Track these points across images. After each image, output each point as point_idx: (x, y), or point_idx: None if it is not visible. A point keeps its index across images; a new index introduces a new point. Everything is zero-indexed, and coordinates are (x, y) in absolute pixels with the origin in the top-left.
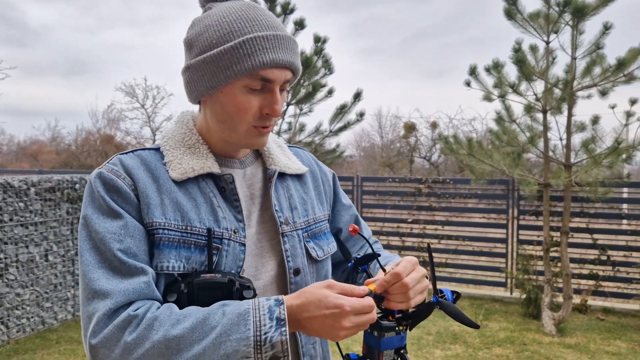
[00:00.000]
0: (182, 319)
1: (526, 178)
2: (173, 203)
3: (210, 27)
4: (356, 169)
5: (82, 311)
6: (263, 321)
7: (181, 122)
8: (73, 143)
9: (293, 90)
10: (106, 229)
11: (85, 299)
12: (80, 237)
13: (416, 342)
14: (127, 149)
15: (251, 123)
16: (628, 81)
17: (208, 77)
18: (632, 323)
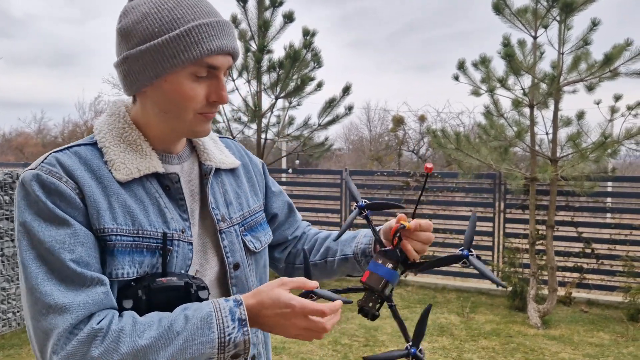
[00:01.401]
0: (147, 328)
1: (513, 172)
2: (122, 207)
3: (149, 15)
4: (345, 162)
5: (32, 327)
6: (226, 323)
7: (116, 114)
8: (59, 135)
9: (282, 83)
10: (52, 238)
11: (37, 313)
12: (21, 246)
13: (401, 334)
14: None
15: (197, 110)
16: (613, 77)
17: (151, 66)
18: (615, 315)
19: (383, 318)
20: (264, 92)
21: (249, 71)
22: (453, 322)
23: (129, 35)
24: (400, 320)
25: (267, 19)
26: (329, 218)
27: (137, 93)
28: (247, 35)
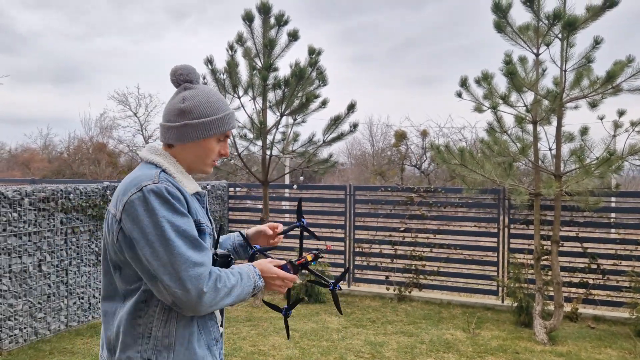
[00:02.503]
0: (230, 277)
1: (517, 188)
2: (195, 207)
3: (202, 103)
4: (347, 177)
5: (183, 277)
6: (254, 277)
7: (165, 156)
8: (65, 151)
9: (287, 101)
10: (184, 223)
11: (187, 268)
12: (163, 230)
13: (409, 350)
14: (119, 157)
15: (212, 159)
16: (615, 93)
17: (201, 132)
18: (623, 331)
19: (389, 334)
20: (269, 109)
21: (254, 89)
22: (459, 338)
23: (190, 112)
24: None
25: (273, 38)
26: (334, 233)
27: (182, 144)
28: (252, 53)
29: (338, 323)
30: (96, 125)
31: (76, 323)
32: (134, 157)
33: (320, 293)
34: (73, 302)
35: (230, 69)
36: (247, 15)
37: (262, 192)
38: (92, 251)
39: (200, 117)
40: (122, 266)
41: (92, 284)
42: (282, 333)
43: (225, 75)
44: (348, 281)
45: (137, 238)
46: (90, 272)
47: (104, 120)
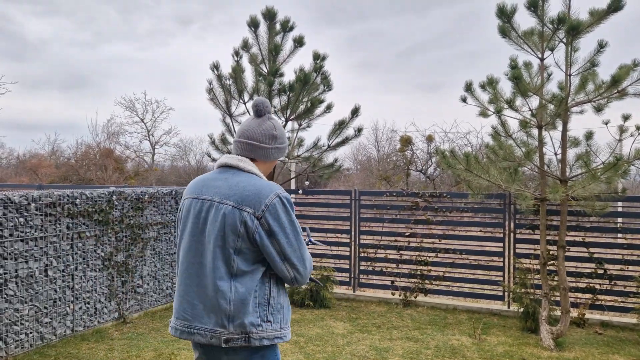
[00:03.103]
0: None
1: (523, 193)
2: None
3: (283, 134)
4: (353, 182)
5: (306, 258)
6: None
7: (258, 169)
8: (73, 157)
9: (292, 106)
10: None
11: (306, 253)
12: (295, 226)
13: (415, 356)
14: (126, 162)
15: (268, 172)
16: (621, 97)
17: (281, 154)
18: (630, 337)
19: (394, 340)
20: (275, 114)
21: (259, 94)
22: (465, 344)
23: (278, 139)
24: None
25: (278, 44)
26: (339, 238)
27: (266, 161)
28: (258, 59)
29: (343, 328)
30: (103, 131)
31: (82, 328)
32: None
33: (326, 298)
34: (79, 307)
35: (236, 74)
36: (252, 21)
37: None
38: (98, 256)
39: (282, 144)
40: (246, 251)
41: (98, 288)
42: None
43: (230, 80)
44: (353, 286)
45: (277, 231)
46: (96, 277)
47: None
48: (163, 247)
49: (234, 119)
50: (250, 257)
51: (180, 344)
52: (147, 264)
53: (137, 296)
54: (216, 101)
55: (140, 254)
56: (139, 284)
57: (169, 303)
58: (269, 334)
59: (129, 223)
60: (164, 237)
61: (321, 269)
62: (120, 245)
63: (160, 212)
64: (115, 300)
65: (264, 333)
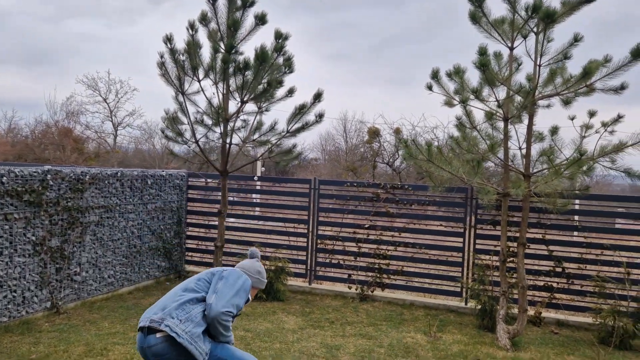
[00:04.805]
0: (231, 333)
1: (485, 187)
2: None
3: (264, 273)
4: (320, 172)
5: (226, 301)
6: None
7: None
8: (30, 134)
9: (250, 86)
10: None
11: (233, 304)
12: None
13: (367, 355)
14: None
15: (250, 297)
16: (589, 92)
17: (260, 284)
18: (586, 337)
19: (347, 336)
20: (231, 94)
21: (215, 72)
22: (419, 342)
23: (262, 274)
24: None
25: (237, 19)
26: (296, 229)
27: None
28: (217, 36)
29: (295, 323)
30: (62, 109)
31: (6, 318)
32: (102, 143)
33: (279, 291)
34: (3, 295)
35: (190, 49)
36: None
37: (221, 183)
38: (27, 240)
39: (263, 278)
40: (202, 282)
41: (27, 275)
42: (233, 334)
43: (185, 56)
44: (309, 279)
45: (227, 278)
46: (25, 263)
47: (70, 104)
48: (106, 232)
49: (187, 97)
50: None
51: (116, 339)
52: (87, 250)
53: (73, 284)
54: (168, 77)
55: (79, 239)
56: (77, 272)
57: (110, 292)
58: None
59: (66, 205)
60: (106, 221)
61: (276, 260)
62: (55, 229)
63: (103, 195)
64: (48, 288)
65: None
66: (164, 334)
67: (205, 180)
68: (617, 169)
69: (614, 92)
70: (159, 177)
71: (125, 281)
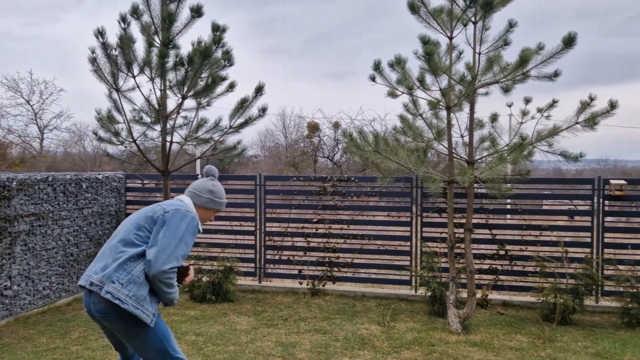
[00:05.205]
0: (176, 285)
1: (432, 175)
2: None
3: (220, 191)
4: (261, 169)
5: (167, 256)
6: (177, 298)
7: (194, 209)
8: None
9: (190, 81)
10: (190, 241)
11: (171, 255)
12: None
13: (323, 350)
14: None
15: (207, 220)
16: (524, 79)
17: (214, 205)
18: (530, 315)
19: (302, 333)
20: (170, 90)
21: (152, 67)
22: (374, 332)
23: (213, 193)
24: None
25: (172, 11)
26: (243, 226)
27: (201, 206)
28: (151, 30)
29: (247, 323)
30: None
31: None
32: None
33: (229, 291)
34: None
35: (123, 44)
36: None
37: (163, 184)
38: None
39: (216, 198)
40: (142, 230)
41: None
42: (184, 339)
43: (118, 51)
44: (259, 277)
45: (168, 224)
46: None
47: None
48: (38, 241)
49: (122, 94)
50: (144, 235)
51: (56, 354)
52: (18, 262)
53: (4, 300)
54: (100, 73)
55: (8, 250)
56: (7, 286)
57: (47, 305)
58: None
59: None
60: (38, 230)
61: (224, 259)
62: None
63: (34, 202)
64: None
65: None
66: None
67: (142, 182)
68: (553, 152)
69: (548, 79)
70: (94, 180)
71: (62, 292)
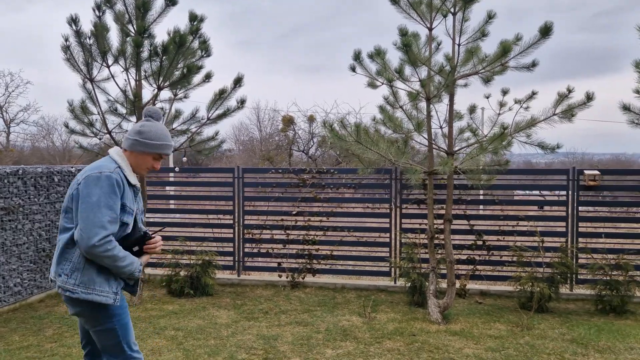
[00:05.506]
0: (121, 253)
1: (413, 166)
2: (128, 195)
3: (152, 131)
4: (235, 163)
5: (89, 227)
6: (136, 269)
7: (122, 156)
8: None
9: (165, 72)
10: (111, 200)
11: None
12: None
13: (305, 342)
14: None
15: (146, 167)
16: (503, 70)
17: (146, 148)
18: (507, 304)
19: (283, 325)
20: (145, 80)
21: (126, 57)
22: (355, 324)
23: (141, 134)
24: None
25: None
26: (221, 220)
27: (132, 151)
28: (125, 19)
29: (228, 317)
30: None
31: None
32: None
33: (208, 285)
34: None
35: (98, 32)
36: None
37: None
38: None
39: (145, 139)
40: (69, 212)
41: None
42: (163, 334)
43: (92, 39)
44: (238, 270)
45: (82, 196)
46: None
47: None
48: (8, 237)
49: (96, 84)
50: (72, 217)
51: (30, 352)
52: None
53: None
54: (74, 62)
55: None
56: None
57: (18, 302)
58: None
59: None
60: (8, 225)
61: (202, 253)
62: None
63: (3, 196)
64: None
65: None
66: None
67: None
68: (531, 143)
69: (527, 69)
70: (66, 173)
71: (35, 289)
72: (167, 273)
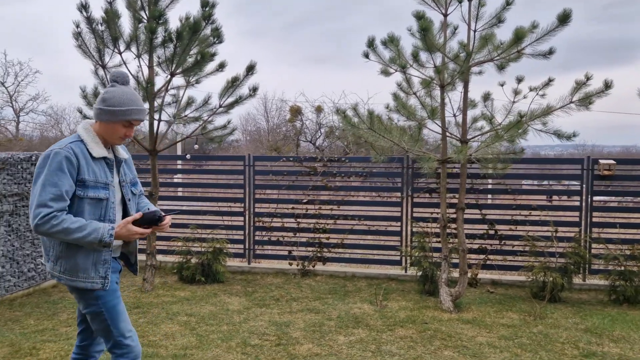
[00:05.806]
0: (74, 224)
1: (426, 154)
2: (91, 168)
3: (116, 97)
4: (243, 153)
5: (32, 208)
6: (103, 234)
7: (88, 130)
8: None
9: (179, 58)
10: (58, 178)
11: (35, 205)
12: (41, 178)
13: (317, 329)
14: None
15: (118, 137)
16: (518, 57)
17: (112, 116)
18: (519, 294)
19: (294, 312)
20: (159, 67)
21: (139, 42)
22: (367, 311)
23: (105, 101)
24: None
25: None
26: (232, 207)
27: (99, 121)
28: (137, 5)
29: (239, 304)
30: None
31: None
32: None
33: (219, 272)
34: None
35: (109, 18)
36: None
37: (150, 164)
38: None
39: (109, 106)
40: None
41: None
42: (176, 319)
43: (103, 26)
44: (248, 258)
45: (33, 179)
46: None
47: None
48: (22, 222)
49: (108, 70)
50: None
51: (45, 336)
52: (1, 243)
53: None
54: (85, 48)
55: None
56: None
57: (32, 287)
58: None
59: None
60: (22, 210)
61: (213, 241)
62: None
63: (17, 182)
64: None
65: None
66: None
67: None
68: (547, 132)
69: (543, 56)
70: None
71: (48, 274)
72: (178, 260)
